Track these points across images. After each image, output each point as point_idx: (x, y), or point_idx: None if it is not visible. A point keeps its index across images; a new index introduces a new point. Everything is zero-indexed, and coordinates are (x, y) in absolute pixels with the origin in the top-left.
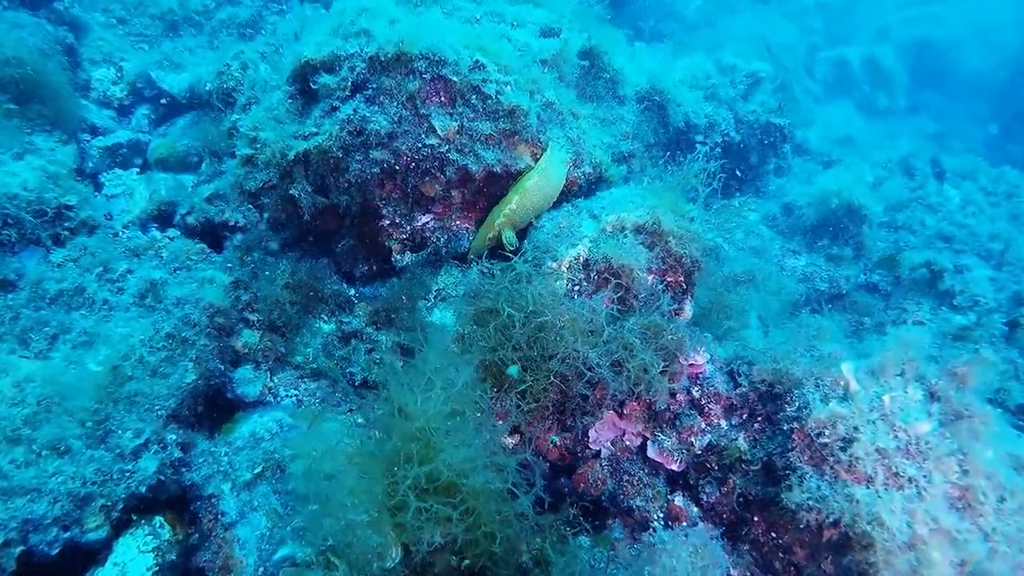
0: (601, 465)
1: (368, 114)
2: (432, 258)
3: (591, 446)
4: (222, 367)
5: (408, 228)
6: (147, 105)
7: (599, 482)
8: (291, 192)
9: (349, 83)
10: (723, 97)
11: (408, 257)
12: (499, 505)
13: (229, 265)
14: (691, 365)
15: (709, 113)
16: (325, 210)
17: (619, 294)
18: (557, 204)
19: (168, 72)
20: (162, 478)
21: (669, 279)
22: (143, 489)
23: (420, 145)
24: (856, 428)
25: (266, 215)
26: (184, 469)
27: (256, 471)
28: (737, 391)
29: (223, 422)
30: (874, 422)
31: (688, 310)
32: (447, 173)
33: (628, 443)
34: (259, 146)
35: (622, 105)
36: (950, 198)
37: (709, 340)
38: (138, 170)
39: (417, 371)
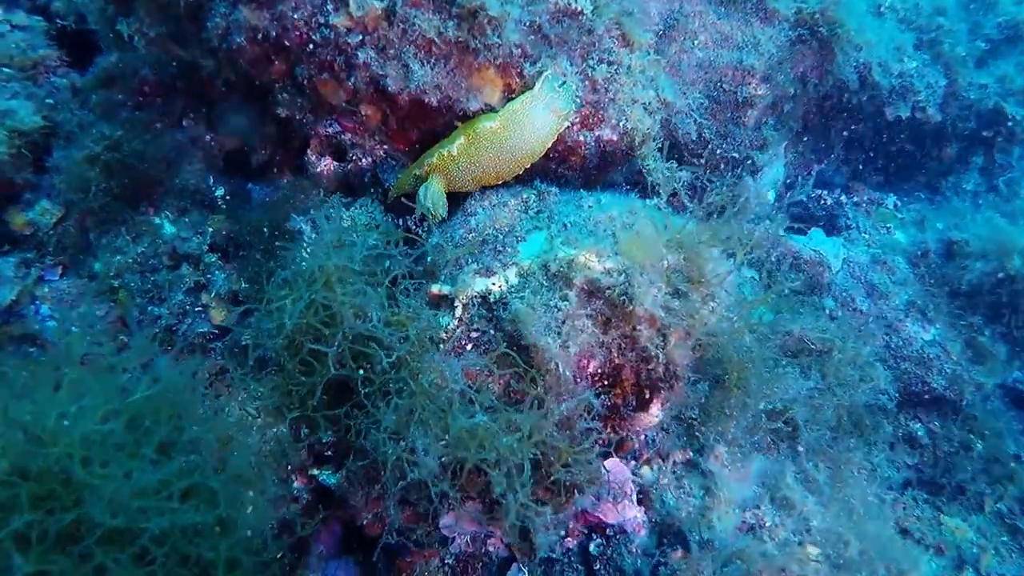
0: (443, 561)
1: None
2: (352, 179)
3: (441, 530)
4: None
5: (317, 131)
6: None
7: None
8: (119, 28)
9: None
10: (947, 53)
11: (325, 163)
12: None
13: (51, 101)
14: (596, 514)
15: (908, 71)
16: (183, 69)
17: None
18: (529, 176)
19: None
20: None
21: (625, 377)
22: None
23: (320, 22)
24: None
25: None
26: None
27: None
28: None
29: None
30: None
31: (653, 416)
32: (353, 80)
33: (491, 549)
34: None
35: (766, 25)
36: None
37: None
38: None
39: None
